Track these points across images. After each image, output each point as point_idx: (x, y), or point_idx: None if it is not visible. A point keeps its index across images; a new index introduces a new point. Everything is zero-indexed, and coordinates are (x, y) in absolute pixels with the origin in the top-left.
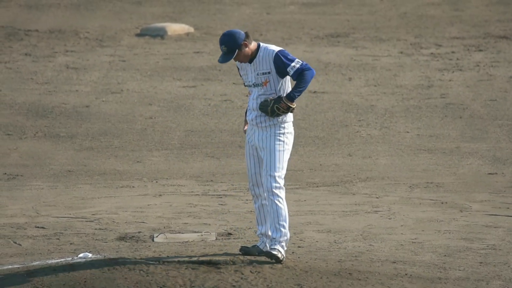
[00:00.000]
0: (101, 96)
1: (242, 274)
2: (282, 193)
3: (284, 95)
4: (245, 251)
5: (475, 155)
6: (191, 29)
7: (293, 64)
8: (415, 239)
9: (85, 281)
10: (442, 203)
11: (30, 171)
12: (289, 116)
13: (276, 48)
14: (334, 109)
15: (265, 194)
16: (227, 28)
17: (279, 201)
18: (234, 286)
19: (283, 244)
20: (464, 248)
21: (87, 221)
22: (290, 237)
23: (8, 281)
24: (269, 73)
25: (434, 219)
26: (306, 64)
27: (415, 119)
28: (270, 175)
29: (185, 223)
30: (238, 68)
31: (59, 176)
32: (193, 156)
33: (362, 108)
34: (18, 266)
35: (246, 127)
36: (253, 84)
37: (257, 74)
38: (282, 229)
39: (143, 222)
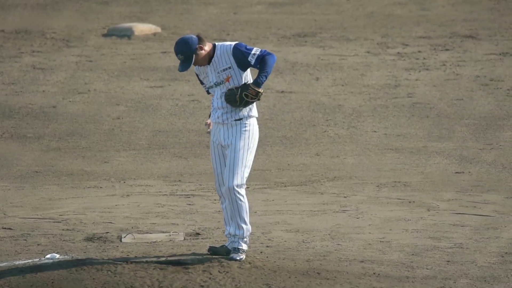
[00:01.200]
0: (68, 96)
1: (211, 274)
2: (243, 191)
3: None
4: (213, 251)
5: (442, 154)
6: (158, 29)
7: (253, 52)
8: (383, 238)
9: (52, 282)
10: (410, 202)
11: None
12: (254, 111)
13: (233, 43)
14: (302, 108)
15: (225, 192)
16: (194, 28)
17: (240, 199)
18: (202, 286)
19: (246, 239)
20: (431, 247)
21: (54, 222)
22: (258, 236)
23: None
24: (229, 68)
25: (402, 218)
26: (265, 51)
27: (382, 119)
28: (233, 173)
29: (153, 223)
30: (197, 75)
31: (26, 177)
32: (161, 156)
33: (330, 108)
34: None
35: (209, 129)
36: (215, 84)
37: (218, 72)
38: (244, 225)
39: (111, 223)
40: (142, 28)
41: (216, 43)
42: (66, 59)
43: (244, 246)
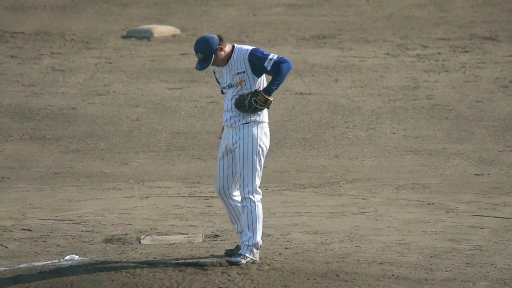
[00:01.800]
0: (87, 98)
1: (229, 275)
2: (256, 198)
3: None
4: (229, 254)
5: (461, 156)
6: (178, 31)
7: (269, 57)
8: (402, 240)
9: (71, 284)
10: (429, 204)
11: (16, 173)
12: (265, 116)
13: (250, 47)
14: (321, 110)
15: (237, 199)
16: (213, 30)
17: (253, 207)
18: (221, 287)
19: (252, 248)
20: (450, 249)
21: (73, 223)
22: (277, 238)
23: None
24: (244, 72)
25: (421, 220)
26: (282, 57)
27: (401, 120)
28: (245, 181)
29: (171, 225)
30: (214, 72)
31: (45, 178)
32: (180, 158)
33: (349, 110)
34: (5, 268)
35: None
36: (228, 85)
37: (232, 75)
38: (250, 234)
39: (130, 224)
40: (161, 30)
41: (235, 45)
42: (85, 61)
43: (249, 254)
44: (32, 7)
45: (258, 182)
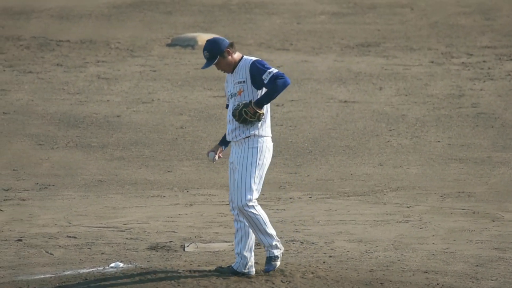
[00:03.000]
0: (132, 106)
1: (273, 283)
2: (252, 205)
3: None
4: (219, 271)
5: (507, 165)
6: None
7: (269, 70)
8: (447, 248)
9: None
10: (474, 213)
11: (61, 181)
12: (266, 130)
13: (254, 58)
14: (365, 118)
15: (238, 212)
16: (257, 38)
17: (253, 214)
18: None
19: (277, 244)
20: (496, 258)
21: (118, 231)
22: (321, 246)
23: None
24: (244, 82)
25: (466, 228)
26: (282, 73)
27: (446, 129)
28: (239, 192)
29: (216, 233)
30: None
31: (90, 186)
32: (224, 166)
33: (393, 118)
34: (50, 275)
35: (218, 153)
36: (231, 94)
37: (234, 84)
38: (265, 236)
39: (174, 232)
40: (205, 38)
41: (245, 56)
42: (130, 69)
43: (276, 252)
44: (77, 15)
45: (255, 195)
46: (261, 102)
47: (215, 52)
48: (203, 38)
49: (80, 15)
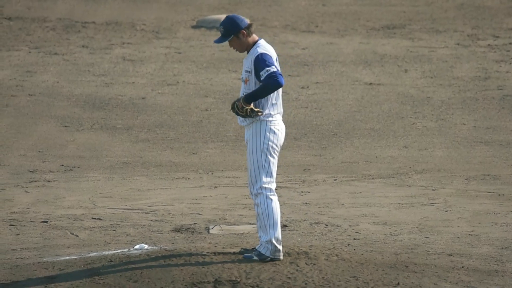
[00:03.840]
0: (157, 88)
1: (298, 266)
2: (267, 192)
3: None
4: (243, 253)
5: None
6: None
7: (267, 68)
8: (472, 231)
9: (141, 273)
10: (499, 196)
11: (87, 162)
12: (274, 111)
13: (261, 51)
14: (390, 101)
15: (253, 197)
16: (282, 20)
17: (264, 202)
18: (289, 278)
19: (267, 245)
20: None
21: (143, 213)
22: (345, 229)
23: (66, 272)
24: (249, 72)
25: (491, 211)
26: (278, 73)
27: (471, 111)
28: (252, 178)
29: (240, 215)
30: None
31: (115, 167)
32: None
33: (418, 100)
34: (76, 257)
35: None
36: (242, 79)
37: (244, 70)
38: (264, 230)
39: (199, 214)
40: None
41: (260, 40)
42: (155, 51)
43: (262, 250)
44: None
45: (267, 179)
46: (249, 98)
47: (230, 30)
48: None
49: None
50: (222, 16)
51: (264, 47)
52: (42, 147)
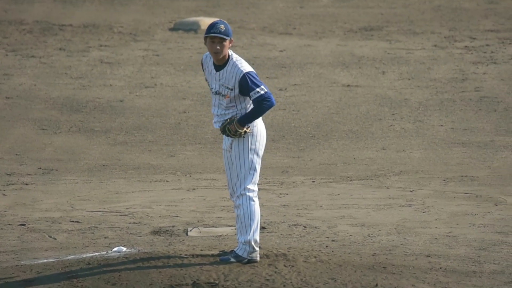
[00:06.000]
0: (134, 90)
1: (276, 268)
2: (250, 194)
3: (241, 112)
4: (222, 255)
5: (509, 148)
6: None
7: (257, 89)
8: (450, 232)
9: (119, 275)
10: (477, 197)
11: (64, 165)
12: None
13: (246, 69)
14: (368, 102)
15: (234, 198)
16: (260, 22)
17: (245, 203)
18: (267, 280)
19: (245, 246)
20: (499, 242)
21: (121, 215)
22: (324, 231)
23: (43, 275)
24: (232, 90)
25: (469, 212)
26: (269, 94)
27: (449, 113)
28: (239, 180)
29: (218, 217)
30: (202, 64)
31: (93, 170)
32: None
33: (396, 102)
34: (53, 260)
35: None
36: (216, 92)
37: (221, 84)
38: (243, 231)
39: (177, 216)
40: (208, 22)
41: (234, 54)
42: (133, 53)
43: (239, 252)
44: (80, 0)
45: (253, 180)
46: (244, 122)
47: (229, 32)
48: (205, 22)
49: None
50: (200, 19)
51: (244, 62)
52: (20, 150)
